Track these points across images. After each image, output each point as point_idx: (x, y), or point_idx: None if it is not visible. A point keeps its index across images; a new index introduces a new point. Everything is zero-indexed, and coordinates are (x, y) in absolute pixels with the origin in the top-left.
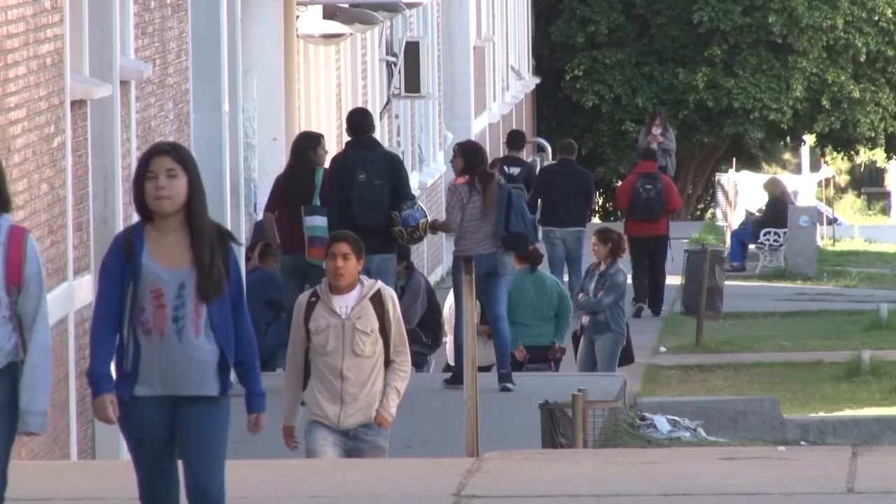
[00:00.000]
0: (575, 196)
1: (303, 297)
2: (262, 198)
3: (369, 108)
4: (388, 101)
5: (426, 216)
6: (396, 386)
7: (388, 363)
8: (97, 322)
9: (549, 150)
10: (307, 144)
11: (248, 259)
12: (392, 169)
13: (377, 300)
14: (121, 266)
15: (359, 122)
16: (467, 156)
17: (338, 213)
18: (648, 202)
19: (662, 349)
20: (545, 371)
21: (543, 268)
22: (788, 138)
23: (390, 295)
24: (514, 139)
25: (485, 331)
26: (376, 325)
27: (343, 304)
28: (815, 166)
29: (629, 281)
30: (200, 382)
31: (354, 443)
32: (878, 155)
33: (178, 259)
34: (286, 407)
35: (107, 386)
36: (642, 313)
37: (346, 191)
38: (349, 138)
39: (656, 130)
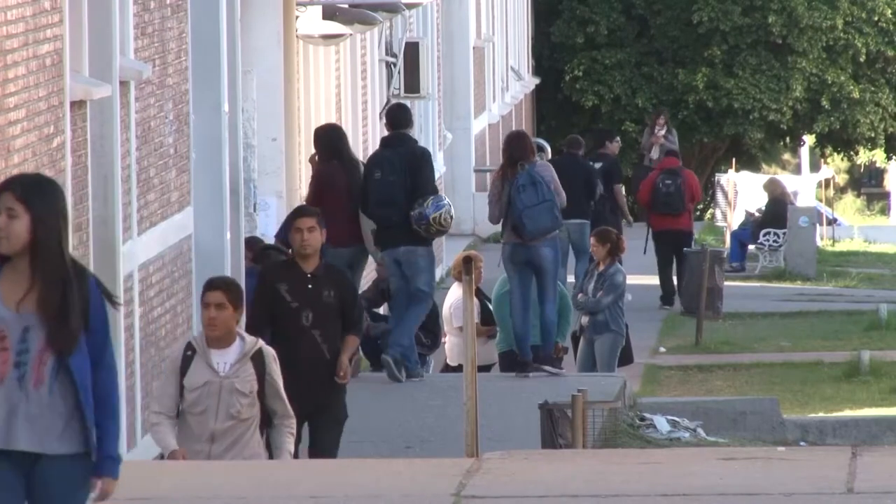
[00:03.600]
0: (578, 189)
1: (177, 350)
2: (262, 198)
3: (369, 109)
4: (388, 102)
5: (438, 210)
6: (289, 448)
7: (263, 427)
8: None
9: (549, 150)
10: (335, 138)
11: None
12: (411, 166)
13: (258, 359)
14: None
15: (391, 118)
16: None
17: (361, 209)
18: (668, 196)
19: (662, 349)
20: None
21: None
22: (788, 138)
23: (272, 355)
24: (600, 136)
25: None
26: (255, 387)
27: (222, 360)
28: (814, 167)
29: (655, 280)
30: (43, 438)
31: None
32: (878, 155)
33: (26, 301)
34: (164, 449)
35: None
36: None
37: (365, 187)
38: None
39: (660, 132)
